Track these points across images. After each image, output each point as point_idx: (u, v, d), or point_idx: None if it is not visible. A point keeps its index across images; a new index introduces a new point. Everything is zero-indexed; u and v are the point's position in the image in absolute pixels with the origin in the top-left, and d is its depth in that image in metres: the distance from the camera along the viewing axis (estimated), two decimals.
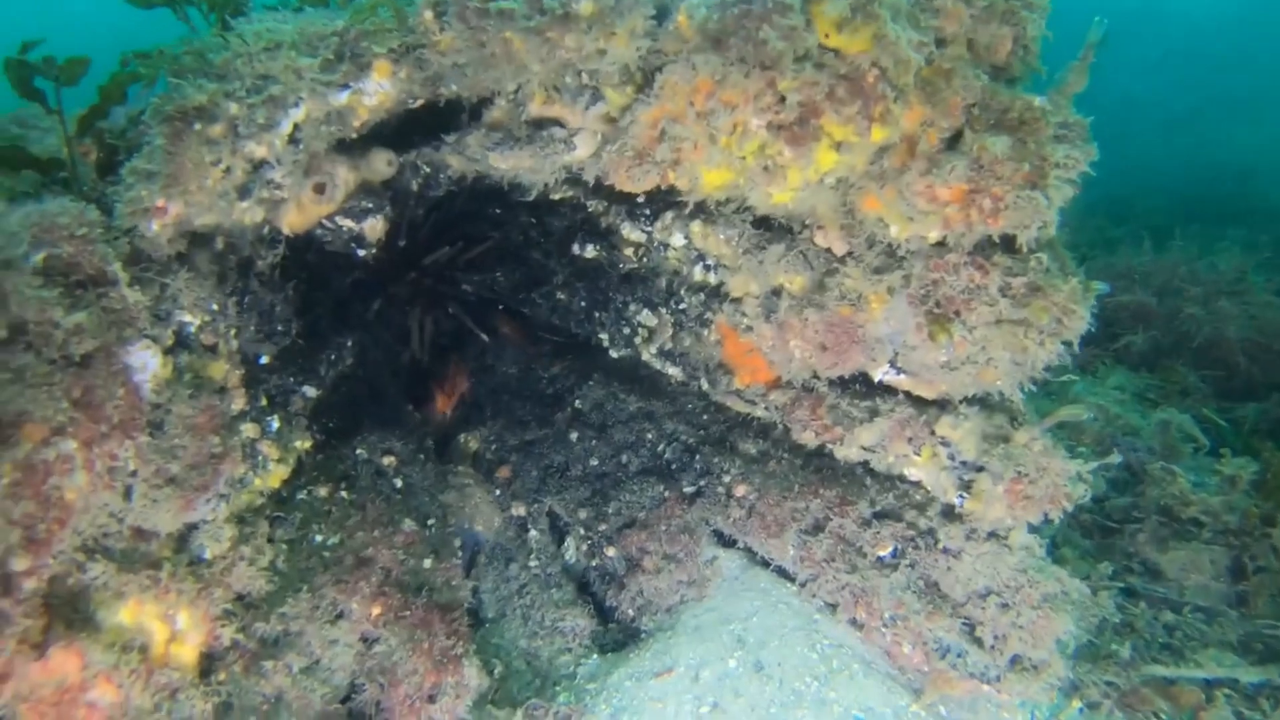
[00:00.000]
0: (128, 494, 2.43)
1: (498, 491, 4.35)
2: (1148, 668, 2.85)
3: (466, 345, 5.65)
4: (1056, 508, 2.63)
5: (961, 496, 2.87)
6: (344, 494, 3.50)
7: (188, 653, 2.42)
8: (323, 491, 3.51)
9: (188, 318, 2.82)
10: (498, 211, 5.19)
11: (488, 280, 5.58)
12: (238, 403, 3.07)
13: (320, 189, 3.09)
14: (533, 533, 4.03)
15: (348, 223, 3.34)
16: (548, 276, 4.95)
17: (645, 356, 4.19)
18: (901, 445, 2.99)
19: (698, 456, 3.97)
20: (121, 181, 2.33)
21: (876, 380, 2.99)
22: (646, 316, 4.05)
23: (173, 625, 2.39)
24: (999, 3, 2.39)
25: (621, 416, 4.45)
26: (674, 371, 4.04)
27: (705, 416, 4.21)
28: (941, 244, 2.56)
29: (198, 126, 2.20)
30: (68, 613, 2.20)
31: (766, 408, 3.44)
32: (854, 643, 3.09)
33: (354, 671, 2.75)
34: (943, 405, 2.96)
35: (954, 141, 2.35)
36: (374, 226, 3.35)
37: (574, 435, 4.50)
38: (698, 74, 2.06)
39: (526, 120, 2.70)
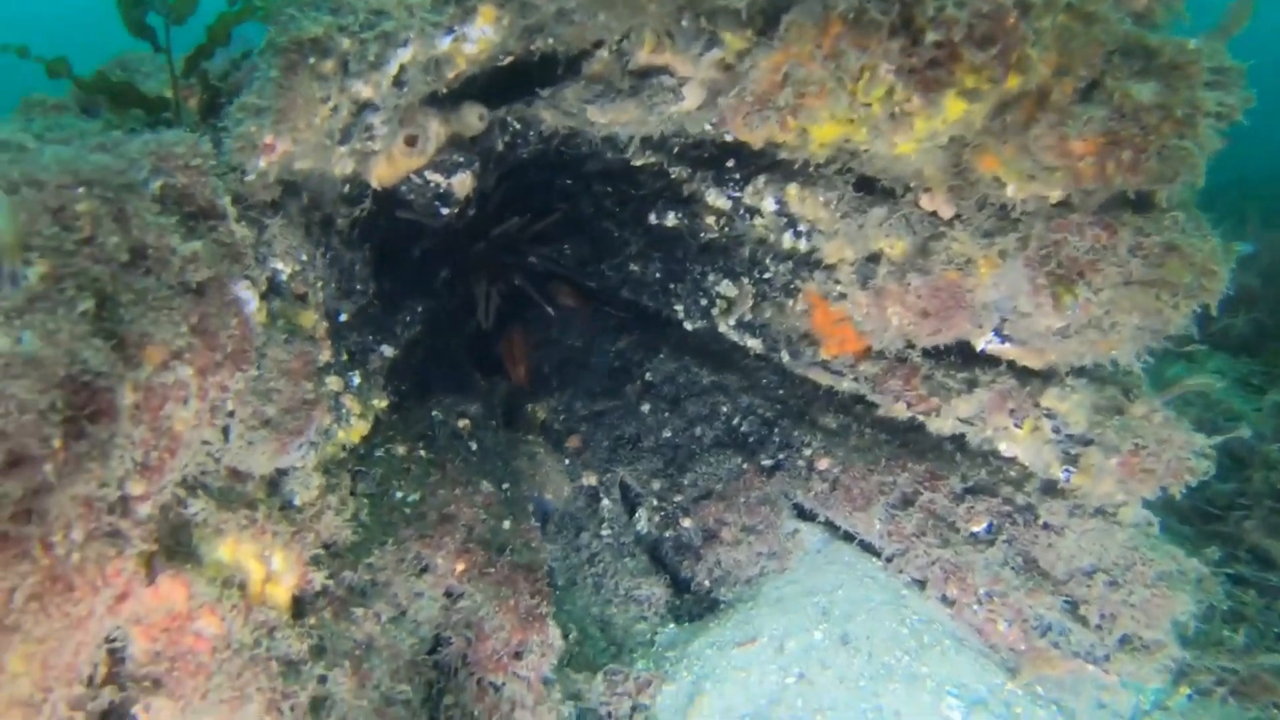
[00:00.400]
0: (225, 435, 2.43)
1: (567, 461, 4.31)
2: (1265, 656, 2.73)
3: (530, 318, 5.63)
4: (1178, 481, 2.52)
5: (1067, 471, 2.76)
6: (422, 452, 3.47)
7: (282, 594, 2.40)
8: (401, 450, 3.49)
9: (280, 265, 2.80)
10: (568, 183, 5.15)
11: (554, 252, 5.54)
12: (324, 354, 3.05)
13: (412, 141, 3.06)
14: (605, 501, 3.98)
15: (437, 177, 3.30)
16: (620, 248, 4.89)
17: (722, 329, 4.10)
18: (1002, 417, 2.89)
19: (776, 430, 3.89)
20: (230, 117, 2.31)
21: (979, 349, 2.88)
22: (726, 287, 3.98)
23: (268, 566, 2.37)
24: None
25: (694, 390, 4.39)
26: (753, 344, 3.96)
27: (781, 391, 4.13)
28: (1064, 204, 2.45)
29: (311, 60, 2.17)
30: (171, 545, 2.19)
31: (855, 379, 3.34)
32: (944, 619, 2.99)
33: (440, 624, 2.72)
34: (1047, 377, 2.85)
35: (1088, 92, 2.24)
36: (463, 182, 3.31)
37: (645, 407, 4.44)
38: (830, 12, 1.98)
39: (632, 70, 2.64)
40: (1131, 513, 2.65)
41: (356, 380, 3.42)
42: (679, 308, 4.40)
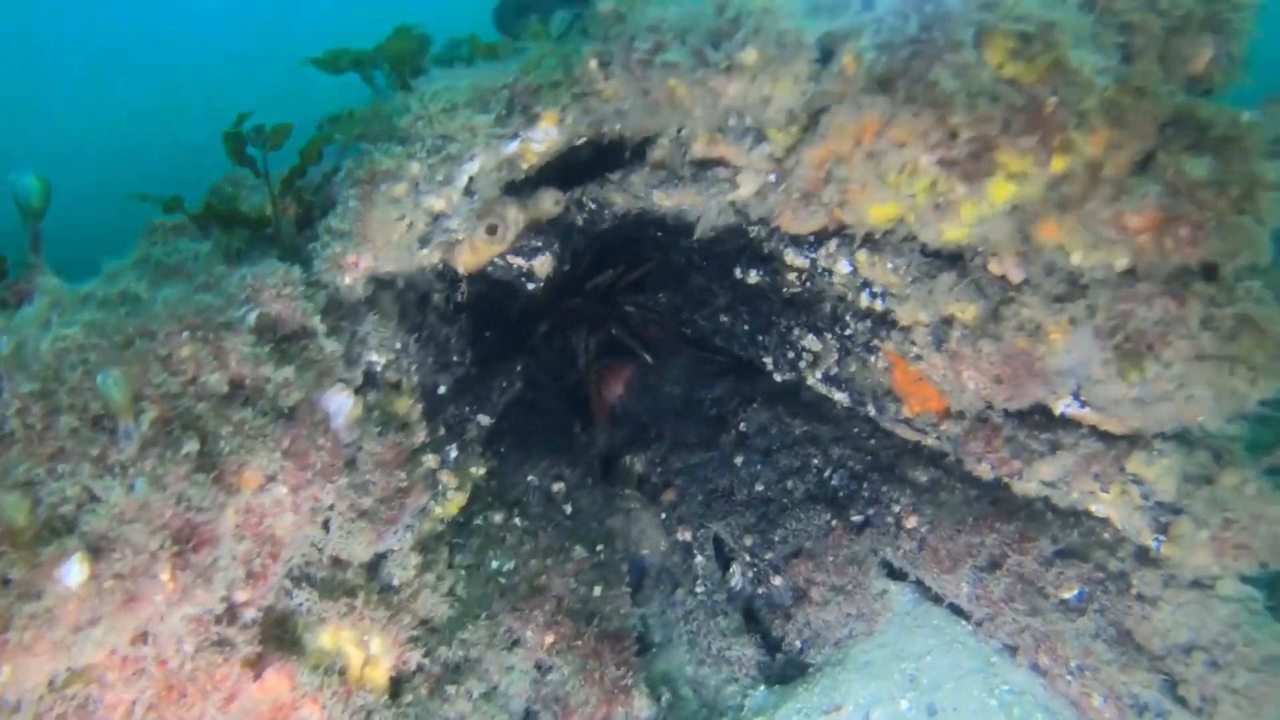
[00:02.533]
0: (326, 526, 2.65)
1: (663, 515, 4.40)
2: None
3: (629, 367, 5.75)
4: (1278, 560, 2.40)
5: (1158, 540, 2.67)
6: (517, 520, 3.65)
7: (379, 676, 2.59)
8: (498, 518, 3.68)
9: (375, 357, 3.03)
10: (659, 235, 5.26)
11: (650, 301, 5.67)
12: (419, 436, 3.26)
13: (492, 230, 3.24)
14: (699, 559, 4.05)
15: (518, 261, 3.48)
16: (710, 299, 4.97)
17: (810, 381, 4.12)
18: (1087, 482, 2.81)
19: (865, 484, 3.88)
20: (319, 239, 2.54)
21: (1058, 413, 2.82)
22: (811, 341, 4.00)
23: (366, 650, 2.57)
24: (1197, 10, 2.21)
25: (786, 440, 4.41)
26: (840, 397, 3.96)
27: (873, 441, 4.10)
28: (1131, 272, 2.39)
29: (384, 187, 2.37)
30: (278, 634, 2.41)
31: (938, 438, 3.31)
32: (1037, 690, 2.92)
33: (529, 699, 2.86)
34: (1134, 440, 2.76)
35: (1145, 164, 2.19)
36: (543, 263, 3.48)
37: (739, 459, 4.49)
38: (864, 114, 2.02)
39: (690, 160, 2.73)
40: (1230, 586, 2.53)
41: (453, 454, 3.63)
42: (768, 360, 4.44)
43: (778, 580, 3.71)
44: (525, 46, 3.26)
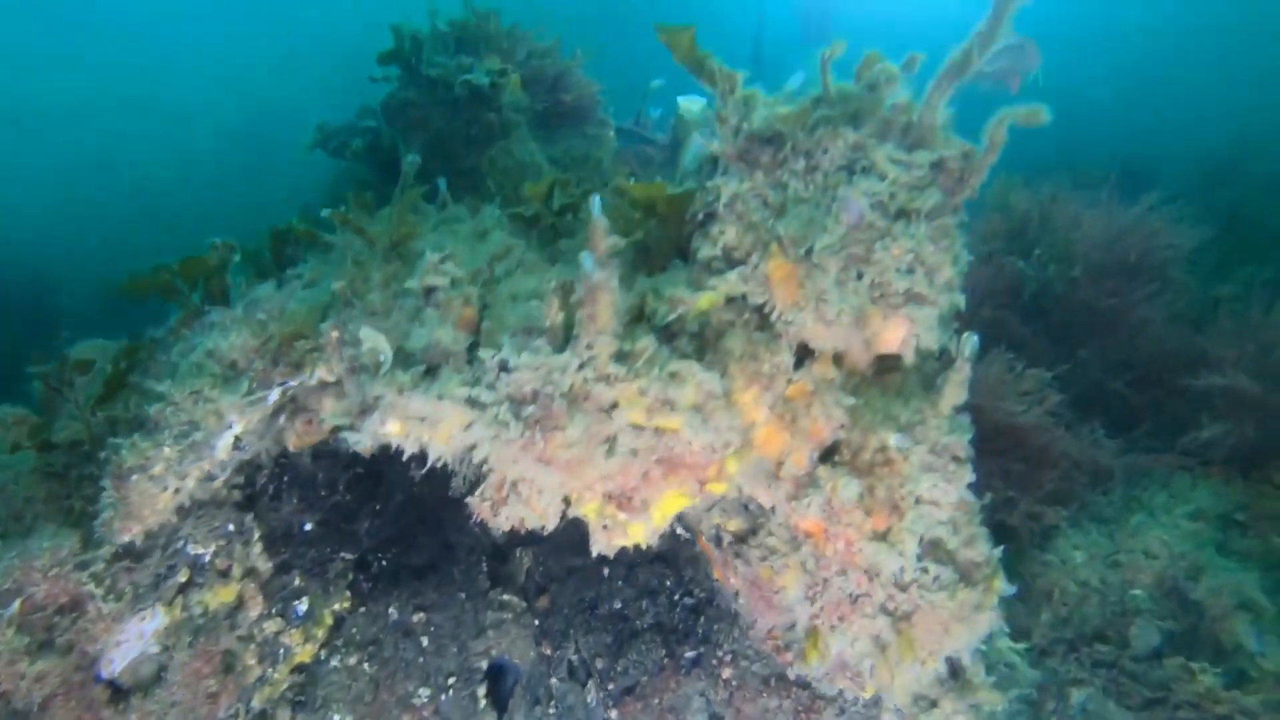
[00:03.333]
0: None
1: (537, 621, 4.64)
2: None
3: None
4: None
5: None
6: (365, 667, 3.90)
7: None
8: (352, 660, 3.93)
9: (200, 549, 3.25)
10: None
11: None
12: (254, 610, 3.50)
13: (309, 421, 3.42)
14: (553, 680, 4.29)
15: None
16: None
17: None
18: (845, 680, 2.99)
19: (702, 619, 4.07)
20: (100, 501, 2.74)
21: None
22: None
23: None
24: (871, 307, 2.31)
25: (648, 555, 4.60)
26: (681, 531, 4.14)
27: None
28: None
29: (135, 477, 2.56)
30: None
31: (737, 610, 3.49)
32: None
33: None
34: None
35: (827, 456, 2.32)
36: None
37: (606, 570, 4.69)
38: (530, 452, 2.16)
39: None
40: None
41: (304, 608, 3.87)
42: None
43: (614, 714, 3.95)
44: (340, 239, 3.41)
